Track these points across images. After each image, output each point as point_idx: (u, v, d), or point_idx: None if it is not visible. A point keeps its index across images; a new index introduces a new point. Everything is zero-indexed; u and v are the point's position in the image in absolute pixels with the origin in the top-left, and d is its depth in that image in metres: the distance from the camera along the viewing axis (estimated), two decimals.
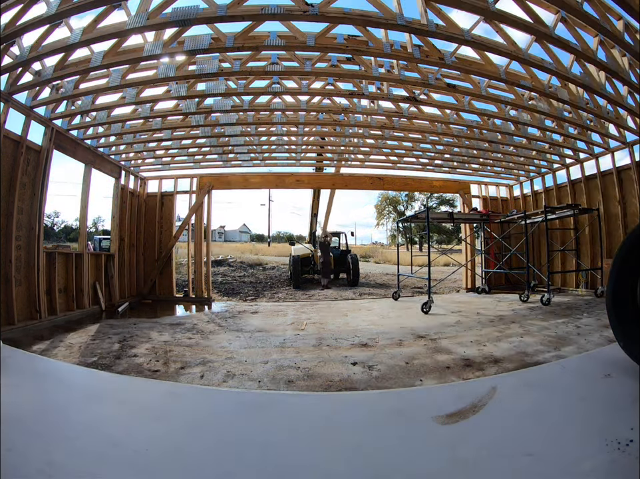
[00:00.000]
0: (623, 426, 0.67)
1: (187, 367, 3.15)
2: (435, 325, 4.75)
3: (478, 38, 3.57)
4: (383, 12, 3.27)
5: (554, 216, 7.19)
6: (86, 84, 4.54)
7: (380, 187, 8.52)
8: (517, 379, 0.97)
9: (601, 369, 0.94)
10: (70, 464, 0.65)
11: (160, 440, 0.73)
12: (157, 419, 0.82)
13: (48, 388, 0.99)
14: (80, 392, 0.99)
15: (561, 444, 0.66)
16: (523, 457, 0.63)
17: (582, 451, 0.64)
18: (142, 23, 3.20)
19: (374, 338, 4.04)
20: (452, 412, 0.79)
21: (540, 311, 5.52)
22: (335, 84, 4.85)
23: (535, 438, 0.68)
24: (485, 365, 3.06)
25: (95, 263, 6.30)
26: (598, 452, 0.62)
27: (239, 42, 3.58)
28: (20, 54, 3.73)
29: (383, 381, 2.75)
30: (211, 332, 4.63)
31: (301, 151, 7.43)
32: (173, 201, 7.83)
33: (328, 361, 3.28)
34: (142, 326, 4.88)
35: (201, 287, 7.49)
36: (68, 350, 3.65)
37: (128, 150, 6.77)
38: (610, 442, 0.63)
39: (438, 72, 4.42)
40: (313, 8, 3.15)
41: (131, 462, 0.66)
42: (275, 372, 3.00)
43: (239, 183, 8.18)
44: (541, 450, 0.64)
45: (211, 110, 5.10)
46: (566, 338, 3.81)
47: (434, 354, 3.44)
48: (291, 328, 4.77)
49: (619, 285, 0.95)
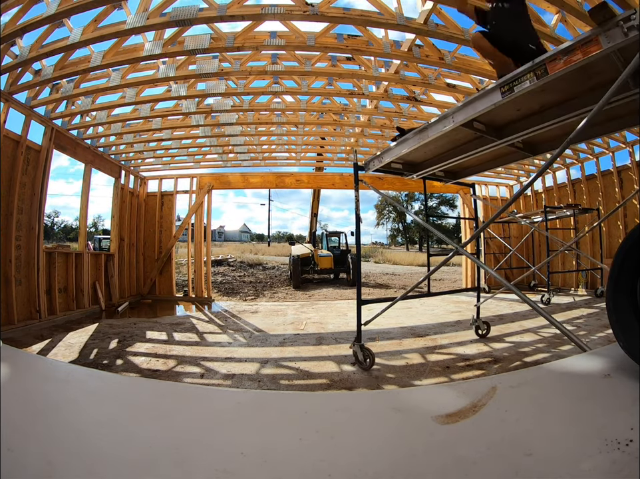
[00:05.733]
0: (623, 426, 0.67)
1: (187, 367, 3.15)
2: (435, 325, 4.75)
3: None
4: (383, 12, 3.27)
5: (554, 216, 7.19)
6: (86, 84, 4.54)
7: (380, 186, 8.53)
8: (517, 379, 0.97)
9: (601, 369, 0.94)
10: (70, 464, 0.65)
11: (160, 440, 0.73)
12: (157, 419, 0.82)
13: (48, 388, 0.99)
14: (80, 392, 0.99)
15: (561, 444, 0.66)
16: (523, 457, 0.63)
17: (582, 451, 0.64)
18: (141, 23, 3.20)
19: (374, 337, 4.04)
20: (452, 412, 0.79)
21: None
22: (335, 84, 4.85)
23: (535, 438, 0.68)
24: (485, 365, 3.06)
25: (95, 262, 6.30)
26: (598, 452, 0.62)
27: (239, 42, 3.58)
28: (20, 54, 3.73)
29: (383, 381, 2.76)
30: (211, 332, 4.63)
31: (301, 151, 7.43)
32: (173, 201, 7.83)
33: (328, 361, 3.28)
34: (142, 326, 4.89)
35: (201, 286, 7.49)
36: (68, 350, 3.65)
37: (128, 149, 6.77)
38: (610, 442, 0.63)
39: (438, 72, 4.42)
40: (312, 8, 3.15)
41: (131, 462, 0.66)
42: (274, 372, 3.00)
43: (239, 183, 8.18)
44: (541, 450, 0.64)
45: (211, 110, 5.10)
46: (566, 338, 3.81)
47: (433, 353, 3.44)
48: (291, 328, 4.77)
49: (619, 285, 0.95)
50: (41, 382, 1.01)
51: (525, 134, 2.42)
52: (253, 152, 7.31)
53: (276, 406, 0.91)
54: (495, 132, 2.58)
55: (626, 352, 0.91)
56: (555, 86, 1.91)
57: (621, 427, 0.67)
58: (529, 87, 1.82)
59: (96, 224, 41.03)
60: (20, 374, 1.06)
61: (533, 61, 1.77)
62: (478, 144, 2.77)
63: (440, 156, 3.24)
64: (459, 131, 2.55)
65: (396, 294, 9.21)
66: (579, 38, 1.58)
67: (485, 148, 2.72)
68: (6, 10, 3.18)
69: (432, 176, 3.70)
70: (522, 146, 2.88)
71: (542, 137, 2.67)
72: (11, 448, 0.65)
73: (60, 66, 4.00)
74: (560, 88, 1.97)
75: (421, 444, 0.71)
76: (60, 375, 1.12)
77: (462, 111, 2.27)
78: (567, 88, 1.97)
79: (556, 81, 1.78)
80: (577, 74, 1.75)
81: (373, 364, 3.01)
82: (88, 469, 0.63)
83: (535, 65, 1.76)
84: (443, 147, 3.02)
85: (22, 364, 1.17)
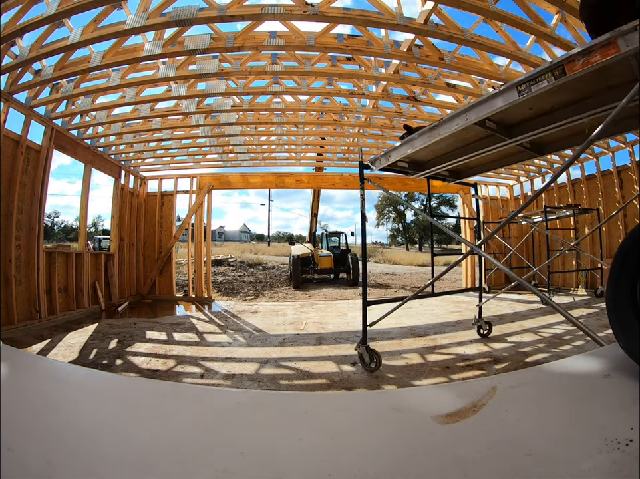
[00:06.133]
0: (623, 426, 0.67)
1: (187, 367, 3.15)
2: (435, 325, 4.75)
3: (478, 38, 3.57)
4: (383, 12, 3.27)
5: (554, 216, 7.20)
6: (86, 84, 4.54)
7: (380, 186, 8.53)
8: (517, 379, 0.97)
9: (601, 369, 0.94)
10: (70, 464, 0.65)
11: (160, 440, 0.73)
12: (157, 419, 0.82)
13: (48, 388, 0.99)
14: (80, 392, 0.99)
15: (561, 444, 0.66)
16: (523, 457, 0.63)
17: (582, 451, 0.64)
18: (141, 23, 3.20)
19: (374, 337, 4.04)
20: (452, 412, 0.79)
21: (540, 310, 5.52)
22: (335, 84, 4.85)
23: (535, 438, 0.68)
24: (485, 364, 3.06)
25: (95, 262, 6.30)
26: (598, 452, 0.62)
27: (239, 42, 3.59)
28: (20, 54, 3.73)
29: (383, 381, 2.76)
30: (211, 332, 4.63)
31: (301, 151, 7.43)
32: (173, 200, 7.83)
33: (328, 361, 3.28)
34: (142, 326, 4.89)
35: (201, 286, 7.49)
36: (68, 349, 3.65)
37: (127, 149, 6.78)
38: (610, 442, 0.63)
39: (438, 72, 4.42)
40: (312, 8, 3.15)
41: (131, 462, 0.66)
42: (274, 372, 3.00)
43: (239, 183, 8.18)
44: (541, 450, 0.64)
45: (211, 110, 5.10)
46: (566, 338, 3.81)
47: (434, 353, 3.44)
48: (291, 328, 4.77)
49: (619, 285, 0.95)
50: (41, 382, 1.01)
51: (535, 133, 2.41)
52: (253, 152, 7.32)
53: (276, 406, 0.91)
54: (505, 131, 2.57)
55: (626, 352, 0.91)
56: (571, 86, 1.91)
57: (621, 427, 0.67)
58: (546, 87, 1.82)
59: (96, 224, 41.07)
60: (20, 374, 1.06)
61: (551, 61, 1.78)
62: (487, 143, 2.76)
63: (447, 155, 3.22)
64: (470, 130, 2.53)
65: (397, 294, 9.21)
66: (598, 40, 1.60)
67: (494, 147, 2.71)
68: (6, 10, 3.18)
69: (436, 175, 3.70)
70: (529, 146, 2.88)
71: (549, 137, 2.67)
72: (11, 448, 0.65)
73: (60, 66, 4.00)
74: (575, 89, 1.98)
75: (421, 444, 0.71)
76: (60, 375, 1.12)
77: (477, 109, 2.25)
78: (582, 88, 1.98)
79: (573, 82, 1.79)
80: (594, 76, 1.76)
81: (379, 365, 2.95)
82: (88, 469, 0.63)
83: (553, 65, 1.77)
84: (451, 146, 3.01)
85: (22, 364, 1.17)
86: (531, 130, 2.42)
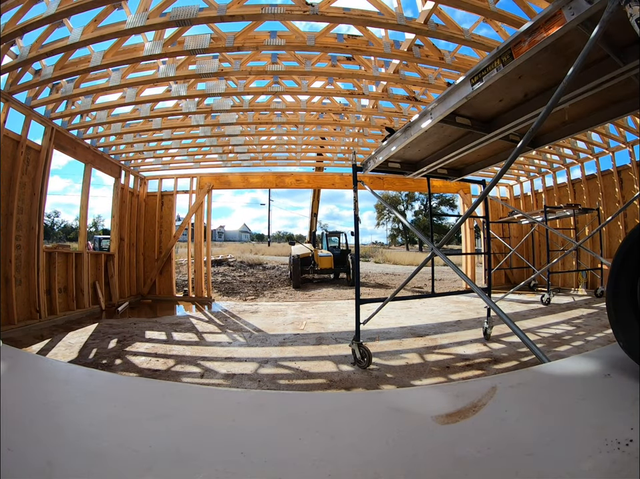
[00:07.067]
0: (623, 426, 0.67)
1: (187, 367, 3.15)
2: (435, 325, 4.75)
3: (478, 38, 3.57)
4: (383, 12, 3.27)
5: (554, 216, 7.20)
6: (86, 84, 4.54)
7: (381, 187, 8.53)
8: (517, 379, 0.97)
9: (601, 369, 0.94)
10: (70, 464, 0.65)
11: (160, 440, 0.73)
12: (157, 419, 0.82)
13: (48, 388, 0.99)
14: (80, 392, 0.99)
15: (561, 444, 0.66)
16: (523, 457, 0.63)
17: (582, 451, 0.64)
18: (141, 23, 3.20)
19: (374, 337, 4.04)
20: (452, 412, 0.79)
21: (539, 310, 5.52)
22: (335, 84, 4.85)
23: (535, 438, 0.68)
24: (485, 364, 3.06)
25: (95, 262, 6.30)
26: (598, 452, 0.62)
27: (239, 42, 3.59)
28: (20, 54, 3.73)
29: (383, 381, 2.76)
30: (210, 331, 4.63)
31: (301, 151, 7.43)
32: (173, 200, 7.84)
33: (328, 361, 3.28)
34: (142, 325, 4.89)
35: (201, 286, 7.49)
36: (68, 349, 3.65)
37: (128, 149, 6.78)
38: (610, 442, 0.63)
39: (438, 72, 4.42)
40: (313, 8, 3.15)
41: (131, 462, 0.66)
42: (274, 372, 3.00)
43: (239, 183, 8.19)
44: (541, 450, 0.64)
45: (211, 110, 5.10)
46: (566, 338, 3.81)
47: (433, 353, 3.44)
48: (291, 327, 4.77)
49: (619, 285, 0.95)
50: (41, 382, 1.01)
51: (513, 125, 2.36)
52: (253, 152, 7.32)
53: (276, 406, 0.91)
54: (483, 126, 2.54)
55: (626, 352, 0.91)
56: (531, 71, 1.81)
57: (621, 427, 0.67)
58: (497, 75, 1.73)
59: (96, 224, 41.08)
60: (20, 374, 1.06)
61: (497, 48, 1.68)
62: (470, 139, 2.75)
63: (437, 153, 3.23)
64: (445, 127, 2.53)
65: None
66: (541, 15, 1.43)
67: (478, 142, 2.69)
68: (6, 10, 3.18)
69: (435, 174, 3.69)
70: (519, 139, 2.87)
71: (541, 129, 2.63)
72: (11, 448, 0.65)
73: (60, 66, 4.00)
74: (539, 73, 1.87)
75: (421, 444, 0.71)
76: (60, 375, 1.12)
77: (438, 107, 2.24)
78: (547, 72, 1.85)
79: (530, 65, 1.69)
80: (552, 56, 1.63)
81: (370, 362, 3.04)
82: (88, 469, 0.63)
83: (500, 52, 1.67)
84: (437, 144, 3.01)
85: (22, 364, 1.17)
86: (511, 121, 2.34)
